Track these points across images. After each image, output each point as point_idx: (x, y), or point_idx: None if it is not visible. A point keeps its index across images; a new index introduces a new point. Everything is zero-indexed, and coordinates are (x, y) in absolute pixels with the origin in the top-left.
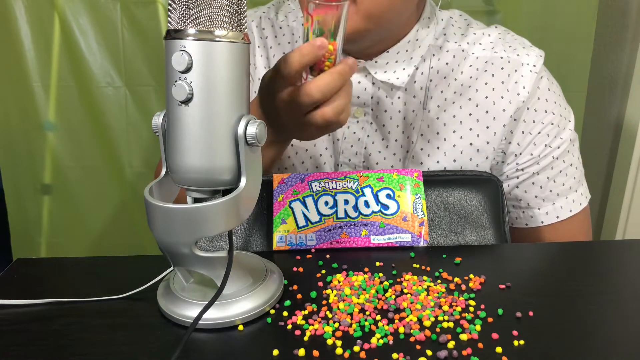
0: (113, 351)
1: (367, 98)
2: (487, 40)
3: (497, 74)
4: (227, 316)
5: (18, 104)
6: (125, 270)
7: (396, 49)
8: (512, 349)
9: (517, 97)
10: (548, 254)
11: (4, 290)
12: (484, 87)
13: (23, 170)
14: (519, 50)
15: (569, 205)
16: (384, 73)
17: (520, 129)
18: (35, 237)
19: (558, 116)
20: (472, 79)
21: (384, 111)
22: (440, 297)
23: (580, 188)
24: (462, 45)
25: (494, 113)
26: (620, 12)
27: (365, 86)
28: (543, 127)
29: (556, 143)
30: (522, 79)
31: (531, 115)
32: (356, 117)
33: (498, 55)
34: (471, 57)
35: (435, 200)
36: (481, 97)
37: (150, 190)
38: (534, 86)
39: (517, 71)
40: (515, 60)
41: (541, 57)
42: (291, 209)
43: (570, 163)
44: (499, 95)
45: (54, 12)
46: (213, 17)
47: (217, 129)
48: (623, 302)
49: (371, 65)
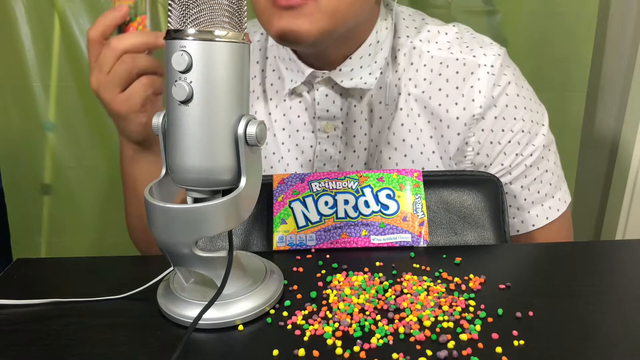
0: (113, 351)
1: (336, 110)
2: (444, 39)
3: (451, 79)
4: (227, 316)
5: (18, 104)
6: (125, 270)
7: (359, 53)
8: (512, 349)
9: (472, 104)
10: (548, 254)
11: (4, 290)
12: (438, 94)
13: (23, 170)
14: (476, 50)
15: (546, 213)
16: (350, 80)
17: (488, 139)
18: (35, 237)
19: (529, 122)
20: (427, 82)
21: (353, 121)
22: (440, 297)
23: (558, 193)
24: (415, 42)
25: (447, 121)
26: (620, 12)
27: (333, 99)
28: (513, 135)
29: (528, 151)
30: (479, 82)
31: (499, 124)
32: (327, 132)
33: (454, 57)
34: (426, 56)
35: (435, 200)
36: (435, 104)
37: (150, 190)
38: (494, 90)
39: (473, 74)
40: (471, 62)
41: (499, 56)
42: (291, 209)
43: (545, 169)
44: (452, 102)
45: (54, 12)
46: (213, 17)
47: (217, 129)
48: (623, 302)
49: (336, 74)
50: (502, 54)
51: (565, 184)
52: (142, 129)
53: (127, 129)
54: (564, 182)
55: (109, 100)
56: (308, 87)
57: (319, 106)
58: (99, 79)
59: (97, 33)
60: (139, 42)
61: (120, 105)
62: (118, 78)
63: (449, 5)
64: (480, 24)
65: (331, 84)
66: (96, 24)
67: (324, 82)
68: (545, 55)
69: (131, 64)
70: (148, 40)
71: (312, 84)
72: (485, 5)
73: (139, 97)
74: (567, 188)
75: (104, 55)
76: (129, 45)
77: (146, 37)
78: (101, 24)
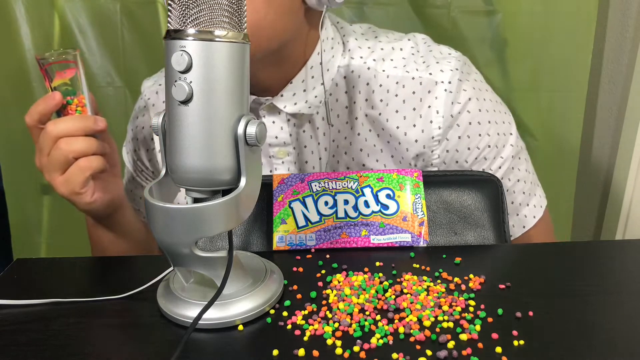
0: (113, 351)
1: (285, 137)
2: (399, 56)
3: (408, 100)
4: (227, 316)
5: (18, 104)
6: (125, 270)
7: (299, 77)
8: (512, 349)
9: (430, 126)
10: (548, 254)
11: (4, 290)
12: (395, 116)
13: (23, 170)
14: (432, 66)
15: (522, 222)
16: (293, 105)
17: (454, 159)
18: (35, 237)
19: (495, 136)
20: (383, 103)
21: (304, 147)
22: (440, 297)
23: (533, 200)
24: (369, 62)
25: (406, 144)
26: (620, 12)
27: (281, 125)
28: (479, 152)
29: (496, 164)
30: (436, 101)
31: (464, 143)
32: (280, 157)
33: (409, 75)
34: (381, 76)
35: (435, 200)
36: (392, 126)
37: (150, 190)
38: (453, 109)
39: (430, 92)
40: (427, 80)
41: (457, 71)
42: (291, 209)
43: (517, 179)
44: (410, 124)
45: (54, 12)
46: (213, 17)
47: (217, 129)
48: (623, 302)
49: (278, 100)
50: (460, 66)
51: (540, 188)
52: (90, 207)
53: (75, 207)
54: (538, 186)
55: (51, 182)
56: (254, 114)
57: (268, 133)
58: (41, 161)
59: (33, 120)
60: (75, 127)
61: (61, 188)
62: (55, 162)
63: (449, 5)
64: (480, 24)
65: (277, 110)
66: (31, 110)
67: (268, 108)
68: (545, 56)
69: (66, 149)
70: (85, 125)
71: (258, 111)
72: (485, 5)
73: (76, 180)
74: (542, 192)
75: (42, 139)
76: (63, 131)
77: (83, 122)
78: (35, 111)
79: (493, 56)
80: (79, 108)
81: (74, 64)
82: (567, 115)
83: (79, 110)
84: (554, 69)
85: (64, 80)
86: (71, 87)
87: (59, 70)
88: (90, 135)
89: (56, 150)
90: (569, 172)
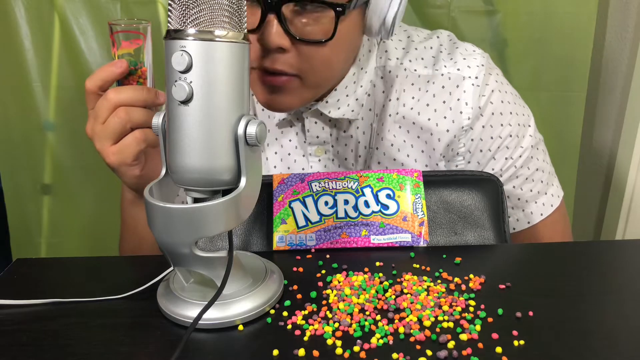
0: (113, 351)
1: (325, 136)
2: (429, 55)
3: (438, 94)
4: (227, 316)
5: (18, 104)
6: (125, 270)
7: (343, 84)
8: (512, 349)
9: (460, 116)
10: (548, 254)
11: (4, 290)
12: (426, 109)
13: (23, 170)
14: (460, 62)
15: (540, 210)
16: (337, 110)
17: (478, 148)
18: (35, 237)
19: (516, 126)
20: (415, 99)
21: (344, 145)
22: (440, 297)
23: (551, 189)
24: (405, 63)
25: (438, 134)
26: (620, 12)
27: (322, 125)
28: (502, 141)
29: (517, 153)
30: (465, 95)
31: (487, 132)
32: (317, 155)
33: (439, 73)
34: (413, 75)
35: (435, 200)
36: (424, 119)
37: (150, 190)
38: (480, 101)
39: (459, 87)
40: (455, 75)
41: (482, 67)
42: (291, 209)
43: (536, 168)
44: (441, 115)
45: (54, 12)
46: (213, 17)
47: (217, 129)
48: (623, 302)
49: (323, 106)
50: (485, 62)
51: (557, 179)
52: (136, 180)
53: (121, 179)
54: (555, 177)
55: (101, 151)
56: (297, 116)
57: (309, 133)
58: (94, 128)
59: (94, 86)
60: (136, 97)
61: (112, 157)
62: (111, 130)
63: (449, 5)
64: (480, 24)
65: (319, 113)
66: (94, 76)
67: (311, 113)
68: (545, 55)
69: (125, 118)
70: (146, 97)
71: (301, 114)
72: (485, 5)
73: (130, 151)
74: (559, 183)
75: (100, 105)
76: (125, 99)
77: (145, 94)
78: (98, 77)
79: (493, 56)
80: (141, 80)
81: (142, 35)
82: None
83: (140, 82)
84: (554, 68)
85: (129, 50)
86: (134, 58)
87: (127, 40)
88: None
89: (114, 118)
90: (569, 171)
